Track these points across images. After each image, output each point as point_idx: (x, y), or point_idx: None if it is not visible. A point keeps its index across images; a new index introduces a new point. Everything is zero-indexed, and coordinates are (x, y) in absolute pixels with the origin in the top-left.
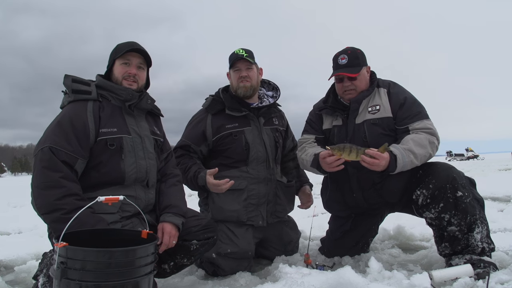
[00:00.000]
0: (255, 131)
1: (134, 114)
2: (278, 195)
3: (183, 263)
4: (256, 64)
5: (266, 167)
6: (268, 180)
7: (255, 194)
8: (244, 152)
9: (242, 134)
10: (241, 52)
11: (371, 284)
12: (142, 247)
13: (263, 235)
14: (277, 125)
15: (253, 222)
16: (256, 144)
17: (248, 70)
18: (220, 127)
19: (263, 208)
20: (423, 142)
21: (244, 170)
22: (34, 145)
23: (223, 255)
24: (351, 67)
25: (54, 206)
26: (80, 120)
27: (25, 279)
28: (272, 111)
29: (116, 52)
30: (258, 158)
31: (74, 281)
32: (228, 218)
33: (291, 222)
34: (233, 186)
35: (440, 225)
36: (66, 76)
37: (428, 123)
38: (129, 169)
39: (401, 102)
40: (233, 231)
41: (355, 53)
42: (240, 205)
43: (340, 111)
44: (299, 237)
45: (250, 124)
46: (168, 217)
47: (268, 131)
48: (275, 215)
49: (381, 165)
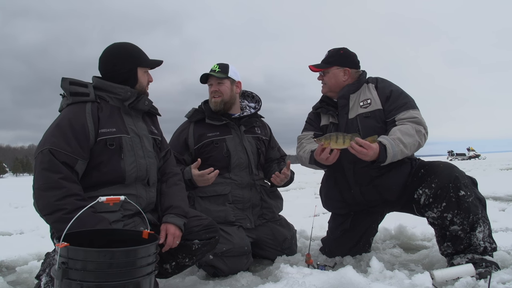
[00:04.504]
0: (236, 139)
1: (132, 114)
2: (264, 199)
3: (184, 263)
4: (230, 78)
5: (249, 173)
6: (252, 185)
7: (240, 199)
8: (225, 159)
9: (223, 142)
10: (214, 68)
11: (373, 284)
12: (143, 247)
13: (256, 236)
14: (259, 133)
15: (242, 224)
16: (237, 151)
17: (219, 85)
18: (201, 135)
19: (249, 212)
20: (410, 131)
21: (227, 177)
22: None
23: (219, 255)
24: (322, 63)
25: (55, 207)
26: (79, 122)
27: (27, 280)
28: (254, 121)
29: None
30: (240, 165)
31: (75, 281)
32: (216, 219)
33: (281, 220)
34: (217, 192)
35: (442, 224)
36: (63, 79)
37: (415, 112)
38: (129, 168)
39: (387, 95)
40: (225, 230)
41: (333, 52)
42: (225, 206)
43: (332, 108)
44: (293, 234)
45: (231, 132)
46: (171, 218)
47: (250, 138)
48: (262, 217)
49: (369, 154)
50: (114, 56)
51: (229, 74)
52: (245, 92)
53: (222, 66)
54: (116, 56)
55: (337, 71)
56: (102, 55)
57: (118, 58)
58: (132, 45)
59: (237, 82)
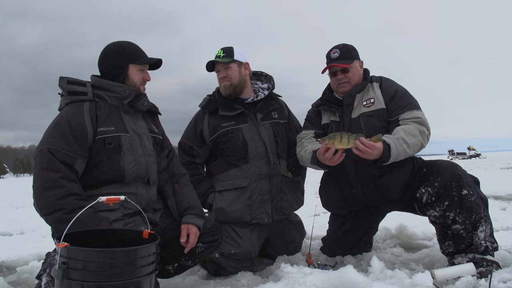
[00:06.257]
0: (252, 128)
1: (131, 113)
2: (283, 191)
3: (187, 264)
4: (236, 61)
5: (267, 163)
6: (271, 175)
7: (258, 191)
8: (242, 149)
9: (239, 132)
10: (219, 53)
11: (373, 283)
12: (144, 247)
13: (268, 234)
14: (276, 118)
15: (259, 220)
16: (254, 140)
17: (226, 70)
18: (216, 126)
19: (267, 204)
20: (414, 132)
21: (245, 168)
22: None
23: (226, 256)
24: (343, 60)
25: (55, 206)
26: (77, 121)
27: (27, 280)
28: (270, 104)
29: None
30: (258, 155)
31: (75, 281)
32: (230, 219)
33: (297, 222)
34: (236, 185)
35: (444, 223)
36: (61, 78)
37: (418, 113)
38: (128, 166)
39: (392, 94)
40: (237, 232)
41: (346, 47)
42: (243, 204)
43: (336, 106)
44: (303, 238)
45: (247, 121)
46: (192, 219)
47: (267, 125)
48: (281, 211)
49: (373, 154)
50: (107, 53)
51: (235, 56)
52: (255, 73)
53: (226, 50)
54: (108, 53)
55: (357, 64)
56: (100, 53)
57: (110, 55)
58: (129, 43)
59: (244, 63)
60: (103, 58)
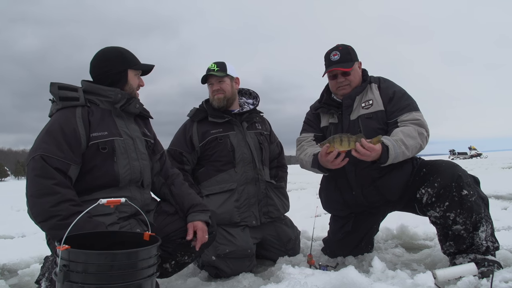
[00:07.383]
0: (239, 135)
1: (124, 117)
2: (269, 196)
3: (184, 261)
4: (229, 76)
5: (253, 168)
6: (256, 180)
7: (245, 195)
8: (230, 154)
9: (227, 138)
10: (212, 67)
11: (375, 284)
12: (145, 249)
13: (261, 236)
14: (260, 129)
15: (247, 222)
16: (241, 146)
17: (220, 83)
18: (205, 132)
19: (254, 208)
20: (413, 134)
21: (233, 173)
22: None
23: (222, 257)
24: (344, 63)
25: (50, 213)
26: (70, 127)
27: (29, 283)
28: (254, 117)
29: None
30: (244, 160)
31: (76, 284)
32: (221, 221)
33: (287, 220)
34: (224, 188)
35: (445, 223)
36: (52, 84)
37: (417, 115)
38: (122, 170)
39: (390, 96)
40: (229, 231)
41: (346, 49)
42: (231, 205)
43: (334, 108)
44: (298, 235)
45: (234, 128)
46: (196, 216)
47: (252, 134)
48: (267, 215)
49: (371, 156)
50: (106, 58)
51: (228, 71)
52: (241, 89)
53: (220, 65)
54: (108, 58)
55: (356, 66)
56: (94, 59)
57: (109, 60)
58: (124, 49)
59: (235, 78)
60: (101, 63)
